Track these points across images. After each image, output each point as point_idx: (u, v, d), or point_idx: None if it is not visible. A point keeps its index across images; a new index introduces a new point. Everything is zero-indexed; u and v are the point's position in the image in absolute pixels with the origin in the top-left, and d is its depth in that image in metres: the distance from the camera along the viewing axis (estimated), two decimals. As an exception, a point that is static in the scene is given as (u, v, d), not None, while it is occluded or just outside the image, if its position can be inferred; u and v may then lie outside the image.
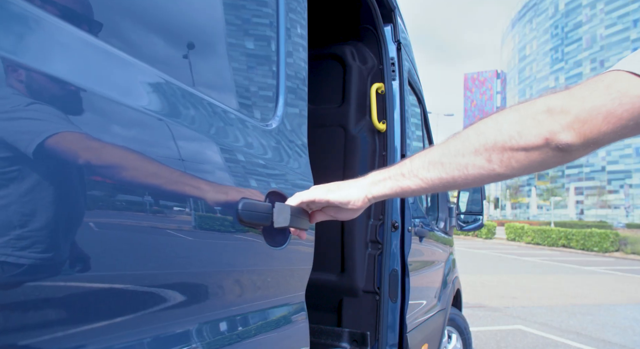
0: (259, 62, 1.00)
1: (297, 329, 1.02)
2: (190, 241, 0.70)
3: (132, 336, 0.61)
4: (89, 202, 0.54)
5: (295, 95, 1.08)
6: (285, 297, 1.01)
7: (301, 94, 1.12)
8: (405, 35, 2.39)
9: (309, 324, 1.06)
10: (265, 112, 0.98)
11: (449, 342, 3.17)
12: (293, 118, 1.06)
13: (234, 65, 0.94)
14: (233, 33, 0.95)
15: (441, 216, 2.99)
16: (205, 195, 0.73)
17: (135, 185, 0.61)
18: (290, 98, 1.06)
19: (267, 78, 1.02)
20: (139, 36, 0.70)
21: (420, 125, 2.85)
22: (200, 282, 0.74)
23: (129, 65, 0.64)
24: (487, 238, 27.97)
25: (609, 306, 7.64)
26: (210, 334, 0.75)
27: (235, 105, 0.90)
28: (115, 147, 0.58)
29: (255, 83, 0.99)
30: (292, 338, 1.00)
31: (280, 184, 0.95)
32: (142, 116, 0.64)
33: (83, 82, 0.56)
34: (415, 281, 2.07)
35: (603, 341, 5.33)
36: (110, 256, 0.57)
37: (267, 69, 1.02)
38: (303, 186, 1.02)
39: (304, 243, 1.03)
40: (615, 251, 20.65)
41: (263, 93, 1.00)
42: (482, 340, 5.06)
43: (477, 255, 16.80)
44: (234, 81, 0.93)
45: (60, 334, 0.51)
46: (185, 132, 0.72)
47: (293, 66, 1.09)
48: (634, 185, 73.06)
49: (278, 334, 0.94)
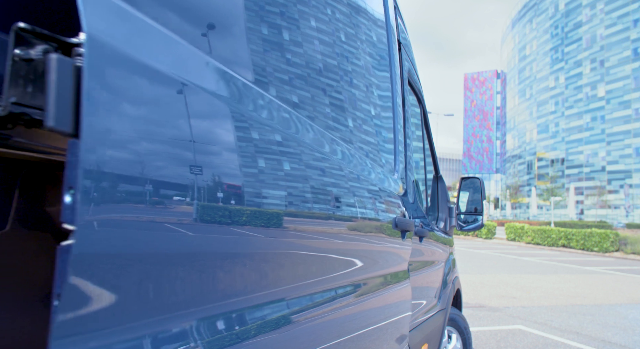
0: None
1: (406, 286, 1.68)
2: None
3: None
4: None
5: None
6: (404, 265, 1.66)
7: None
8: (405, 35, 2.39)
9: None
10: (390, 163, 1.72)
11: (449, 342, 3.17)
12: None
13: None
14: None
15: (441, 216, 2.99)
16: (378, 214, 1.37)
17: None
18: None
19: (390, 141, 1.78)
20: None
21: (420, 125, 2.85)
22: (371, 254, 1.29)
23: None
24: (487, 238, 27.96)
25: (609, 306, 7.64)
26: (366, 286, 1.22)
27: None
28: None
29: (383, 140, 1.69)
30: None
31: None
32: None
33: None
34: (415, 281, 2.07)
35: (603, 341, 5.33)
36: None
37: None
38: None
39: None
40: (615, 251, 20.64)
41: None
42: (482, 340, 5.06)
43: (477, 255, 16.80)
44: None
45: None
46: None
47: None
48: (634, 185, 72.96)
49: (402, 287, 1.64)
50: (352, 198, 1.14)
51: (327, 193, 0.95)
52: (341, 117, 1.21)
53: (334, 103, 1.17)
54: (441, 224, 2.97)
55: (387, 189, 1.59)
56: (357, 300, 1.15)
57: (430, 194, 3.02)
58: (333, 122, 1.14)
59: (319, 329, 0.92)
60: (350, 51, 1.41)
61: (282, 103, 0.83)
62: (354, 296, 1.14)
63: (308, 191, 0.87)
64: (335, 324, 1.00)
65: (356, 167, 1.22)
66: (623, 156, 75.90)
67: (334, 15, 1.30)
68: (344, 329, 1.05)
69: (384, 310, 1.41)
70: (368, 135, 1.52)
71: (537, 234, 24.53)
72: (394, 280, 1.55)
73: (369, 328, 1.23)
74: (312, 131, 0.94)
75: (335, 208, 1.03)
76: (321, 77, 1.12)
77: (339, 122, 1.19)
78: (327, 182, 0.98)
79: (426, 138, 2.98)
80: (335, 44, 1.28)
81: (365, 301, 1.22)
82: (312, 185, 0.89)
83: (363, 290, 1.21)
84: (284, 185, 0.78)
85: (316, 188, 0.91)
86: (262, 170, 0.71)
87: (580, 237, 21.80)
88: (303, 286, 0.86)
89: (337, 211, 1.04)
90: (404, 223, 1.61)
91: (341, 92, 1.28)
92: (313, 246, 0.91)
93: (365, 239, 1.25)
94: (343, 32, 1.37)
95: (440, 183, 3.07)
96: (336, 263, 1.04)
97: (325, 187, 0.96)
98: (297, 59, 0.97)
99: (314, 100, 1.03)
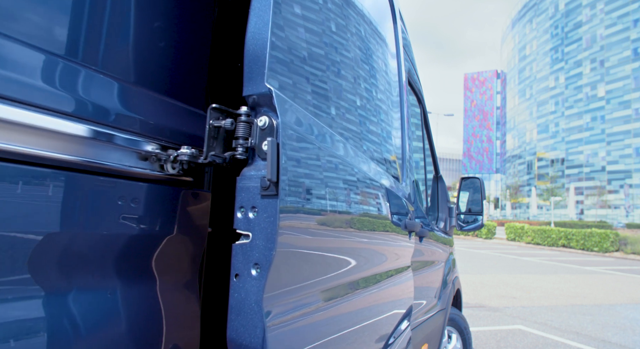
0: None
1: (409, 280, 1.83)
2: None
3: None
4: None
5: None
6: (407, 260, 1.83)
7: None
8: (405, 35, 2.39)
9: None
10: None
11: (449, 342, 3.17)
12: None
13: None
14: None
15: (441, 216, 2.99)
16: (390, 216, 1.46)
17: None
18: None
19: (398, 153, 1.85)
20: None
21: (420, 125, 2.85)
22: (376, 251, 1.34)
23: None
24: (487, 238, 27.96)
25: (609, 306, 7.64)
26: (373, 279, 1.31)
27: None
28: None
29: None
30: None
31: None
32: None
33: None
34: (415, 281, 2.07)
35: (603, 341, 5.33)
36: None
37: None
38: None
39: None
40: (615, 251, 20.64)
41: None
42: (482, 340, 5.06)
43: (477, 255, 16.79)
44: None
45: None
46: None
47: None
48: (634, 185, 72.94)
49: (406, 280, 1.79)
50: (369, 201, 1.30)
51: (349, 198, 1.08)
52: (347, 118, 1.23)
53: (341, 105, 1.18)
54: (441, 224, 2.97)
55: (397, 193, 1.66)
56: (375, 286, 1.36)
57: (430, 194, 3.02)
58: (345, 123, 1.24)
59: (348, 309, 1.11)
60: (350, 51, 1.42)
61: (314, 117, 0.96)
62: (372, 283, 1.33)
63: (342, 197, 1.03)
64: (356, 306, 1.19)
65: (369, 171, 1.30)
66: (623, 156, 75.88)
67: (334, 16, 1.31)
68: (364, 311, 1.27)
69: (394, 293, 1.63)
70: (372, 136, 1.54)
71: (537, 234, 24.52)
72: (401, 271, 1.75)
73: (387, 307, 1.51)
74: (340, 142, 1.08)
75: (359, 213, 1.16)
76: (324, 77, 1.14)
77: (348, 122, 1.21)
78: (349, 188, 1.12)
79: (426, 138, 2.98)
80: (336, 45, 1.30)
81: (381, 287, 1.44)
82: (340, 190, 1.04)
83: (379, 278, 1.44)
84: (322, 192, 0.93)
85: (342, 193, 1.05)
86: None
87: (580, 237, 21.80)
88: (342, 274, 1.04)
89: (361, 215, 1.17)
90: (411, 224, 1.77)
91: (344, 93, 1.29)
92: (343, 243, 1.09)
93: (382, 237, 1.42)
94: (343, 32, 1.38)
95: (440, 183, 3.07)
96: (359, 257, 1.19)
97: (349, 193, 1.11)
98: (315, 43, 1.01)
99: (323, 102, 1.07)
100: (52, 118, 0.52)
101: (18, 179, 0.49)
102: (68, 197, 0.55)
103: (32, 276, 0.52)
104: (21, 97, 0.49)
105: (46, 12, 0.54)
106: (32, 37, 0.52)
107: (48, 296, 0.53)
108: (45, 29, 0.54)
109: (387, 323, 1.51)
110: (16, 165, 0.49)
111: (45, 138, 0.52)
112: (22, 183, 0.50)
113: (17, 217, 0.49)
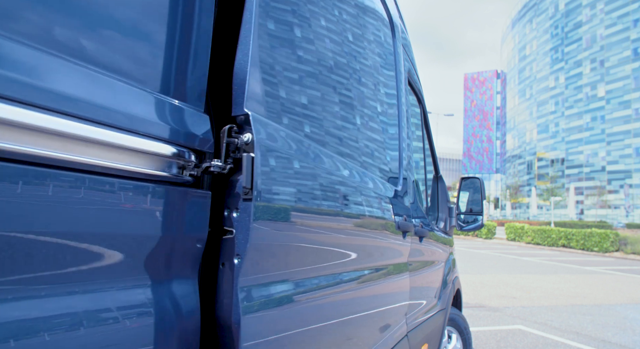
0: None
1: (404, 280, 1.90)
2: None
3: None
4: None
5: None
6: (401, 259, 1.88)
7: None
8: (405, 36, 2.40)
9: None
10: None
11: (449, 342, 3.17)
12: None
13: None
14: None
15: (441, 216, 2.99)
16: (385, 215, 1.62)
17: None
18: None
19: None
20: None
21: (420, 125, 2.85)
22: (371, 247, 1.48)
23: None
24: (487, 238, 27.97)
25: (609, 306, 7.64)
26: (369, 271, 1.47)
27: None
28: None
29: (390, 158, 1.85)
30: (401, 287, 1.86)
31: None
32: None
33: None
34: (415, 281, 2.07)
35: (603, 341, 5.33)
36: None
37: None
38: None
39: None
40: (615, 251, 20.64)
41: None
42: (482, 340, 5.07)
43: (477, 255, 16.80)
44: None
45: None
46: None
47: None
48: (634, 185, 72.91)
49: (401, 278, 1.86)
50: (366, 204, 1.43)
51: (325, 201, 1.18)
52: (331, 127, 1.25)
53: (324, 115, 1.21)
54: (441, 224, 2.97)
55: (387, 195, 1.71)
56: (361, 283, 1.46)
57: (430, 194, 3.02)
58: (341, 122, 1.33)
59: (346, 300, 1.28)
60: (350, 52, 1.44)
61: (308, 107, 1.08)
62: (370, 277, 1.48)
63: (334, 198, 1.16)
64: (354, 298, 1.35)
65: (354, 175, 1.37)
66: (623, 156, 75.88)
67: (334, 16, 1.32)
68: (359, 302, 1.39)
69: (388, 286, 1.72)
70: (370, 136, 1.56)
71: (537, 234, 24.53)
72: (397, 269, 1.84)
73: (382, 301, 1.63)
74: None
75: (354, 213, 1.31)
76: (324, 77, 1.17)
77: (331, 131, 1.25)
78: (345, 190, 1.26)
79: (426, 138, 2.98)
80: (336, 45, 1.31)
81: (369, 284, 1.53)
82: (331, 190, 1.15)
83: (379, 273, 1.59)
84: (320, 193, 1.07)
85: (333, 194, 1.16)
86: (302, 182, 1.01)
87: (580, 237, 21.80)
88: (334, 266, 1.19)
89: (356, 216, 1.33)
90: (404, 225, 1.82)
91: (343, 92, 1.31)
92: (342, 241, 1.25)
93: (377, 237, 1.57)
94: (343, 32, 1.39)
95: (440, 183, 3.07)
96: (359, 254, 1.37)
97: (344, 195, 1.24)
98: (300, 59, 1.10)
99: (320, 100, 1.13)
100: (51, 118, 0.52)
101: (18, 179, 0.49)
102: (68, 197, 0.55)
103: (31, 276, 0.52)
104: (21, 97, 0.49)
105: (46, 12, 0.54)
106: (31, 37, 0.52)
107: (48, 296, 0.54)
108: (46, 29, 0.54)
109: (374, 321, 1.55)
110: (16, 165, 0.49)
111: (45, 138, 0.52)
112: (21, 183, 0.50)
113: (17, 217, 0.49)
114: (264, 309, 0.86)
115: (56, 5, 0.55)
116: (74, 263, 0.57)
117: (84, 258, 0.58)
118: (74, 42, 0.57)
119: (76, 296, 0.57)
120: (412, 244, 2.02)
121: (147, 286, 0.67)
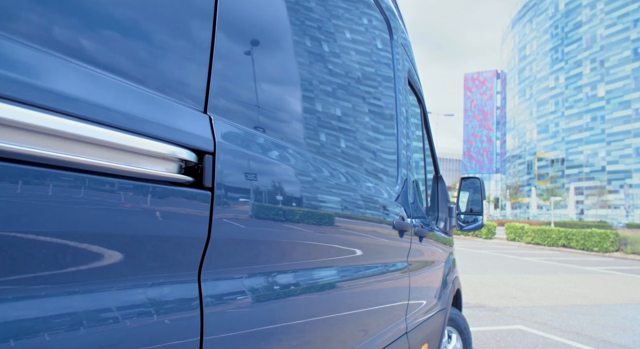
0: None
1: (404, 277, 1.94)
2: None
3: None
4: None
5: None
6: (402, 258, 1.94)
7: None
8: (405, 35, 2.40)
9: None
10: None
11: (449, 342, 3.17)
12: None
13: None
14: None
15: (441, 216, 2.99)
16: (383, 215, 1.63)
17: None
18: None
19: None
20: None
21: (420, 125, 2.85)
22: (368, 246, 1.51)
23: None
24: (487, 238, 27.97)
25: (609, 306, 7.64)
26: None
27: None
28: None
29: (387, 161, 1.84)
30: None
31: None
32: None
33: None
34: (415, 281, 2.07)
35: (603, 341, 5.33)
36: None
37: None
38: None
39: None
40: (615, 251, 20.64)
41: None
42: (482, 340, 5.07)
43: (477, 255, 16.80)
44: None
45: None
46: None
47: None
48: (634, 185, 72.91)
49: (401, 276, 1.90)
50: (365, 205, 1.47)
51: (346, 203, 1.25)
52: (342, 119, 1.25)
53: (334, 105, 1.20)
54: (441, 224, 2.97)
55: (387, 196, 1.72)
56: (373, 279, 1.52)
57: (430, 194, 3.02)
58: (337, 123, 1.34)
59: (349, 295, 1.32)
60: (351, 52, 1.44)
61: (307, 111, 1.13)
62: (369, 277, 1.52)
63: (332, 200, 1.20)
64: (357, 293, 1.39)
65: (360, 184, 1.40)
66: (623, 156, 75.87)
67: (334, 16, 1.32)
68: (359, 298, 1.43)
69: (388, 286, 1.74)
70: (369, 136, 1.56)
71: (537, 234, 24.53)
72: (397, 269, 1.87)
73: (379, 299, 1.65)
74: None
75: (351, 215, 1.33)
76: (323, 77, 1.16)
77: (342, 123, 1.24)
78: (345, 195, 1.29)
79: (426, 138, 2.98)
80: (336, 45, 1.31)
81: (376, 281, 1.59)
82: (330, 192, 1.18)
83: (379, 273, 1.63)
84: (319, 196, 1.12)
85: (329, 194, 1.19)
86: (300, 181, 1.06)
87: (580, 237, 21.80)
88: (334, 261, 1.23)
89: (354, 218, 1.35)
90: (404, 225, 1.83)
91: (339, 93, 1.30)
92: (344, 241, 1.29)
93: (376, 237, 1.59)
94: (343, 32, 1.39)
95: (440, 183, 3.07)
96: (358, 254, 1.42)
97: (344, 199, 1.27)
98: (299, 60, 1.10)
99: (314, 101, 1.12)
100: (51, 118, 0.52)
101: (17, 179, 0.49)
102: (68, 197, 0.55)
103: (31, 276, 0.52)
104: (19, 96, 0.49)
105: (46, 12, 0.54)
106: (31, 36, 0.52)
107: (48, 296, 0.54)
108: (45, 28, 0.54)
109: (374, 320, 1.56)
110: (15, 165, 0.49)
111: (45, 138, 0.52)
112: (21, 182, 0.50)
113: (16, 217, 0.49)
114: (263, 308, 0.88)
115: (56, 5, 0.56)
116: (74, 263, 0.56)
117: (84, 258, 0.58)
118: (73, 42, 0.57)
119: (76, 296, 0.57)
120: (412, 244, 2.02)
121: (147, 286, 0.67)
